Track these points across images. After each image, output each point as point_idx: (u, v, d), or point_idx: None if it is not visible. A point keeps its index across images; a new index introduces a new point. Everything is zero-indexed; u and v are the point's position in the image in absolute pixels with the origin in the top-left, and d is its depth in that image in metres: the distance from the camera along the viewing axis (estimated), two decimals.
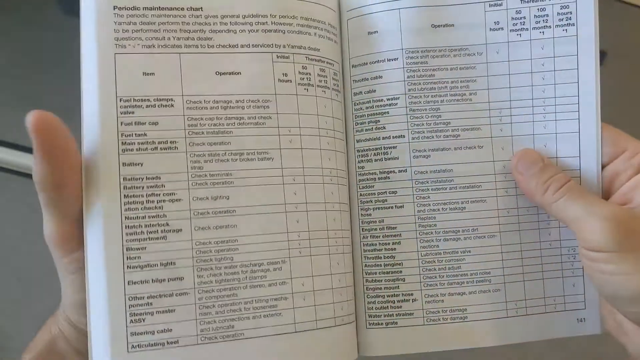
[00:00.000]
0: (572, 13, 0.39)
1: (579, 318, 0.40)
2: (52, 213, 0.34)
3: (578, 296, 0.40)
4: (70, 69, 0.38)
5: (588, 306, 0.40)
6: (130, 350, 0.34)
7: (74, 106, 0.36)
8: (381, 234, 0.40)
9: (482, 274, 0.39)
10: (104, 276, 0.34)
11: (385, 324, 0.39)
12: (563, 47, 0.39)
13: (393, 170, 0.39)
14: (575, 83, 0.39)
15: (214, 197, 0.35)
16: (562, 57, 0.39)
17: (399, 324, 0.39)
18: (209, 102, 0.35)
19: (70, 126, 0.34)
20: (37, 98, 1.10)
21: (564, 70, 0.39)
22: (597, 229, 0.33)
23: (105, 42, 0.35)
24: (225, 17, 0.36)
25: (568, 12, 0.39)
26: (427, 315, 0.39)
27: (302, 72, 0.37)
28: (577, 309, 0.40)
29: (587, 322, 0.40)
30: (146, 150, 0.35)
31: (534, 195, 0.37)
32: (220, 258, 0.35)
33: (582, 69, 0.39)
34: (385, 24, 0.40)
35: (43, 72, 1.13)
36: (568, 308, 0.40)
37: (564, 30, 0.39)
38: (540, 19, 0.39)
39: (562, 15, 0.39)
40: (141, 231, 0.34)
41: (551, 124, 0.39)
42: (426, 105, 0.39)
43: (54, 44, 1.13)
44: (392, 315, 0.39)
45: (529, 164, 0.38)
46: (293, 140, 0.36)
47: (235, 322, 0.34)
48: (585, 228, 0.34)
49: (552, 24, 0.39)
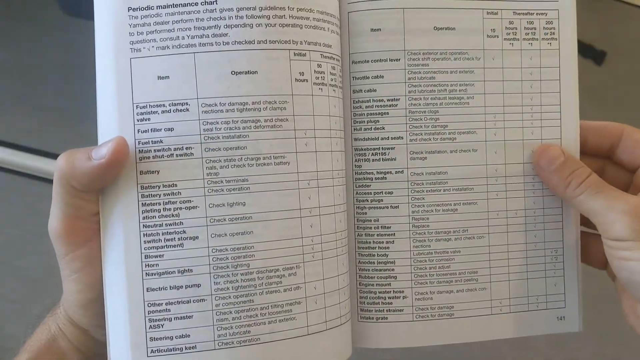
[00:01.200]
0: (555, 29, 0.42)
1: (559, 316, 0.42)
2: (62, 208, 0.34)
3: (559, 295, 0.42)
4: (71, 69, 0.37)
5: (568, 305, 0.42)
6: (150, 354, 0.34)
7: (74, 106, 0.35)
8: (376, 232, 0.41)
9: (470, 273, 0.41)
10: (124, 283, 0.34)
11: (376, 318, 0.41)
12: (547, 59, 0.42)
13: (390, 171, 0.40)
14: (557, 93, 0.42)
15: (230, 204, 0.35)
16: (546, 68, 0.42)
17: (389, 319, 0.41)
18: (224, 104, 0.35)
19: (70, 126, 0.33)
20: (37, 98, 1.09)
21: (548, 80, 0.42)
22: (616, 220, 0.35)
23: (121, 47, 0.34)
24: (241, 10, 0.35)
25: (552, 27, 0.42)
26: (416, 312, 0.41)
27: (317, 70, 0.37)
28: (557, 308, 0.42)
29: (566, 320, 0.42)
30: (162, 157, 0.34)
31: (557, 191, 0.40)
32: (236, 265, 0.35)
33: (563, 81, 0.42)
34: (389, 23, 0.40)
35: (43, 72, 1.10)
36: (549, 307, 0.42)
37: (549, 43, 0.42)
38: (529, 31, 0.41)
39: (547, 30, 0.41)
40: (158, 239, 0.34)
41: (537, 130, 0.41)
42: (425, 107, 0.40)
43: (54, 44, 1.12)
44: (382, 311, 0.41)
45: (550, 159, 0.40)
46: (308, 143, 0.36)
47: (251, 328, 0.35)
48: (605, 220, 0.36)
49: (539, 37, 0.41)
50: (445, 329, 0.41)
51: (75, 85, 0.29)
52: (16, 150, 1.07)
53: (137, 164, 0.34)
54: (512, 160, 0.41)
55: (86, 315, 0.36)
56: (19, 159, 1.06)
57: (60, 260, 0.36)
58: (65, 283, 0.36)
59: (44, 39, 1.14)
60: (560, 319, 0.43)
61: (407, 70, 0.40)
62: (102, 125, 0.35)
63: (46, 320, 0.39)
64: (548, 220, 0.42)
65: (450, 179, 0.41)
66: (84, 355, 0.38)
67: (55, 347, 0.37)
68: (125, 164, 0.34)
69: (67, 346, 0.38)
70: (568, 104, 0.42)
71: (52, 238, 0.35)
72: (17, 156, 1.06)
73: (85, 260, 0.35)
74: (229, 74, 0.35)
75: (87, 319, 0.37)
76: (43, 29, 1.14)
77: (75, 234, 0.35)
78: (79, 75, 0.99)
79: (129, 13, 0.35)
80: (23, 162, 1.06)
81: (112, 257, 0.35)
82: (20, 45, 1.14)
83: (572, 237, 0.42)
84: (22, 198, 1.05)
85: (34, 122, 1.09)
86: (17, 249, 1.03)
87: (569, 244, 0.42)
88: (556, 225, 0.42)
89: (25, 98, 1.10)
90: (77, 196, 0.34)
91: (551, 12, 0.42)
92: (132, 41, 0.35)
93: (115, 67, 0.35)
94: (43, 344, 0.37)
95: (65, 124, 1.02)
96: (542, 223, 0.42)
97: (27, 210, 1.02)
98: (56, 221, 0.35)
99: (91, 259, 0.35)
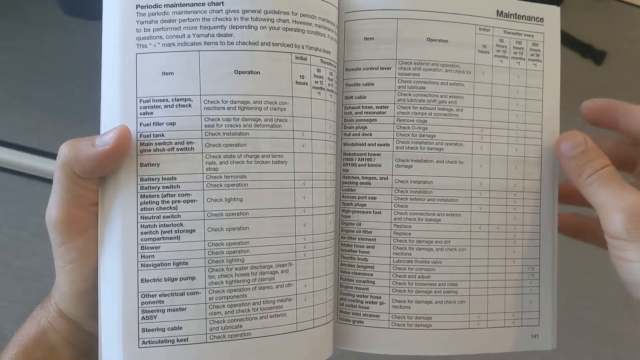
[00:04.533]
0: (540, 51, 0.44)
1: (533, 334, 0.43)
2: (63, 195, 0.35)
3: (533, 313, 0.43)
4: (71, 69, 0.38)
5: (542, 323, 0.43)
6: (141, 345, 0.35)
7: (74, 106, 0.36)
8: (357, 236, 0.42)
9: (450, 285, 0.42)
10: (119, 273, 0.35)
11: (352, 321, 0.42)
12: (532, 79, 0.44)
13: (374, 176, 0.42)
14: (540, 113, 0.44)
15: (227, 199, 0.36)
16: (531, 88, 0.44)
17: (365, 324, 0.42)
18: (226, 102, 0.36)
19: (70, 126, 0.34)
20: (37, 98, 1.10)
21: (532, 100, 0.44)
22: (613, 218, 0.35)
23: (127, 42, 0.36)
24: (246, 12, 0.36)
25: (537, 49, 0.44)
26: (392, 320, 0.41)
27: (317, 75, 0.38)
28: (531, 325, 0.43)
29: (540, 338, 0.43)
30: (163, 151, 0.35)
31: (572, 177, 0.40)
32: (231, 259, 0.36)
33: (546, 101, 0.44)
34: (382, 32, 0.41)
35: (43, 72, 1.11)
36: (524, 324, 0.43)
37: (534, 64, 0.44)
38: (518, 50, 0.43)
39: (533, 51, 0.44)
40: (156, 231, 0.35)
41: (521, 147, 0.43)
42: (414, 116, 0.42)
43: (54, 43, 1.13)
44: (359, 315, 0.42)
45: (572, 146, 0.40)
46: (305, 145, 0.38)
47: (243, 322, 0.36)
48: (605, 216, 0.36)
49: (526, 57, 0.44)
50: (422, 339, 0.41)
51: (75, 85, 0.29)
52: (16, 150, 1.07)
53: (138, 156, 0.35)
54: (497, 175, 0.43)
55: (79, 307, 0.37)
56: (19, 159, 1.07)
57: (55, 250, 0.36)
58: (59, 274, 0.36)
59: (44, 39, 1.14)
60: (534, 337, 0.43)
61: (397, 79, 0.41)
62: (105, 117, 0.36)
63: (34, 314, 0.39)
64: (526, 237, 0.43)
65: (435, 188, 0.42)
66: (74, 348, 0.38)
67: (44, 341, 0.37)
68: (128, 153, 0.35)
69: (57, 339, 0.38)
70: (549, 124, 0.44)
71: (49, 227, 0.36)
72: (17, 156, 1.07)
73: (80, 251, 0.35)
74: (232, 73, 0.36)
75: (80, 310, 0.37)
76: (43, 29, 1.15)
77: (73, 222, 0.35)
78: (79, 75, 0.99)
79: (136, 10, 0.36)
80: (23, 162, 1.06)
81: (108, 246, 0.35)
82: (20, 46, 1.15)
83: (548, 256, 0.43)
84: (22, 198, 1.06)
85: (34, 122, 1.10)
86: (17, 249, 1.04)
87: (545, 262, 0.43)
88: (534, 242, 0.43)
89: (25, 98, 1.10)
90: (77, 183, 0.35)
91: (537, 35, 0.44)
92: (139, 37, 0.36)
93: (121, 61, 0.36)
94: (32, 338, 0.37)
95: (65, 124, 1.03)
96: (521, 240, 0.43)
97: (27, 210, 1.03)
98: (55, 209, 0.35)
99: (87, 249, 0.36)
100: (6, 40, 1.16)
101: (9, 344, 0.37)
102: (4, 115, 1.10)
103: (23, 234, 1.03)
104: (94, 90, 0.36)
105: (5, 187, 1.08)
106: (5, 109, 1.10)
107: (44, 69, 1.12)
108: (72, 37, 1.04)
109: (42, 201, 0.36)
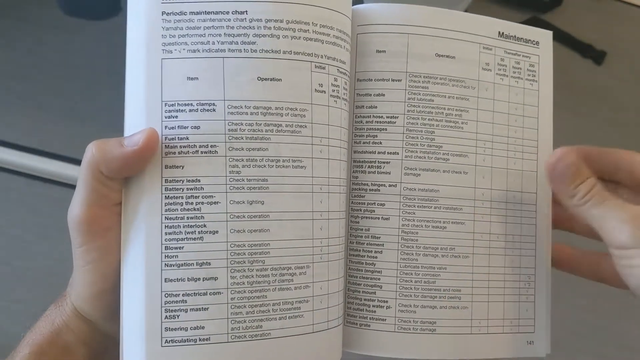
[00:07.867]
0: (536, 72, 0.47)
1: (529, 341, 0.45)
2: (87, 194, 0.36)
3: (529, 320, 0.45)
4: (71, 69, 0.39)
5: (537, 330, 0.45)
6: (164, 344, 0.36)
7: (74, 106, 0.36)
8: (366, 241, 0.43)
9: (454, 290, 0.43)
10: (142, 273, 0.36)
11: (359, 324, 0.43)
12: (529, 97, 0.47)
13: (384, 183, 0.43)
14: (535, 130, 0.47)
15: (249, 202, 0.37)
16: (527, 106, 0.47)
17: (371, 327, 0.43)
18: (249, 107, 0.37)
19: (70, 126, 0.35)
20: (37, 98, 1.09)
21: (529, 117, 0.47)
22: (619, 230, 0.37)
23: (153, 47, 0.37)
24: (269, 22, 0.38)
25: (533, 70, 0.47)
26: (398, 323, 0.43)
27: (334, 84, 0.40)
28: (527, 332, 0.45)
29: (535, 345, 0.45)
30: (187, 153, 0.37)
31: (562, 198, 0.40)
32: (252, 260, 0.37)
33: (541, 119, 0.47)
34: (393, 46, 0.44)
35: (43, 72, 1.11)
36: (521, 330, 0.45)
37: (531, 84, 0.47)
38: (516, 70, 0.46)
39: (529, 72, 0.47)
40: (179, 231, 0.36)
41: (519, 161, 0.46)
42: (422, 127, 0.44)
43: (54, 44, 1.14)
44: (366, 318, 0.43)
45: (563, 167, 0.40)
46: (323, 151, 0.39)
47: (263, 323, 0.37)
48: (609, 230, 0.37)
49: (524, 77, 0.47)
50: (427, 343, 0.43)
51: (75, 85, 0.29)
52: (16, 150, 1.07)
53: (163, 158, 0.36)
54: (497, 186, 0.45)
55: (96, 307, 0.37)
56: (19, 159, 1.06)
57: (75, 250, 0.36)
58: (78, 274, 0.37)
59: (44, 39, 1.14)
60: (529, 343, 0.45)
61: (407, 91, 0.43)
62: (130, 119, 0.37)
63: (48, 312, 0.39)
64: (524, 247, 0.46)
65: (441, 197, 0.44)
66: (89, 348, 0.38)
67: (59, 341, 0.38)
68: (155, 154, 0.36)
69: (72, 340, 0.38)
70: (544, 141, 0.47)
71: (71, 227, 0.36)
72: (17, 156, 1.06)
73: (101, 251, 0.36)
74: (255, 80, 0.38)
75: (97, 311, 0.37)
76: (43, 29, 1.15)
77: (95, 222, 0.36)
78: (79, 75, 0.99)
79: (162, 17, 0.37)
80: (23, 162, 1.06)
81: (132, 247, 0.36)
82: (20, 45, 1.15)
83: (543, 265, 0.46)
84: (22, 198, 1.05)
85: (34, 122, 1.10)
86: (17, 249, 1.02)
87: (540, 272, 0.46)
88: (530, 252, 0.46)
89: (25, 98, 1.10)
90: (103, 183, 0.36)
91: (533, 57, 0.47)
92: (165, 43, 0.37)
93: (146, 66, 0.37)
94: (46, 338, 0.37)
95: (65, 124, 1.03)
96: (519, 249, 0.45)
97: (27, 210, 1.02)
98: (78, 208, 0.36)
99: (107, 250, 0.36)
100: (6, 40, 1.16)
101: (22, 343, 0.38)
102: (4, 115, 1.10)
103: (23, 234, 1.02)
104: (94, 90, 0.38)
105: (5, 187, 1.07)
106: (5, 109, 1.10)
107: (44, 69, 1.12)
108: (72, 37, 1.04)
109: (42, 201, 0.36)
